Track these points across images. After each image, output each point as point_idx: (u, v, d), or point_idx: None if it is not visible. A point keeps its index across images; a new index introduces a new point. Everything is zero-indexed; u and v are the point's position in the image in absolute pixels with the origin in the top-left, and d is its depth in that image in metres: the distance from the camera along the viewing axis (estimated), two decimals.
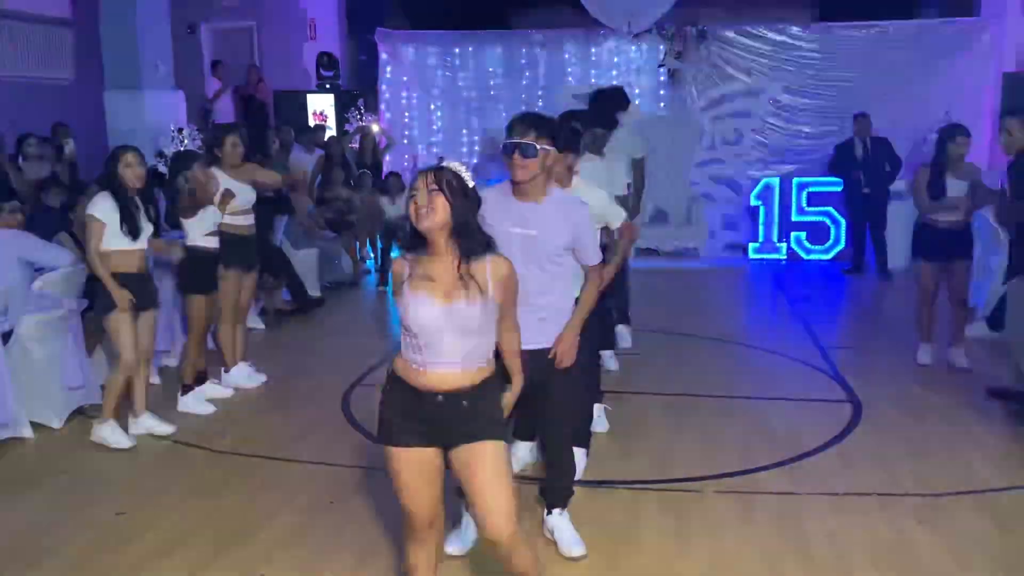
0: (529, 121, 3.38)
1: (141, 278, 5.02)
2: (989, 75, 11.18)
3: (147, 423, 5.18)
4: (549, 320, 3.51)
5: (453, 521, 3.64)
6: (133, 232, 4.84)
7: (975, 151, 7.22)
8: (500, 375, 2.88)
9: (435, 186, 2.64)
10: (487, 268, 2.69)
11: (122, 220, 4.81)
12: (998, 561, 3.66)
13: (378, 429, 2.82)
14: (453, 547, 3.64)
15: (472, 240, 2.68)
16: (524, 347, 3.08)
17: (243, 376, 6.09)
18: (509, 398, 2.97)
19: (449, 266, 2.68)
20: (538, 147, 3.33)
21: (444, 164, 2.73)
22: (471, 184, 2.71)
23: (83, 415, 5.35)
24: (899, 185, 10.37)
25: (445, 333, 2.66)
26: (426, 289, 2.67)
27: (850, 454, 4.82)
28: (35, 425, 5.17)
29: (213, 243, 5.60)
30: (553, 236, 3.42)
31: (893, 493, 4.30)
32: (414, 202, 2.65)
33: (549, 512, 3.80)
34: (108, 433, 4.98)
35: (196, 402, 5.57)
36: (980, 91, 11.26)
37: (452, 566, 3.54)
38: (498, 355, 2.88)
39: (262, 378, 6.19)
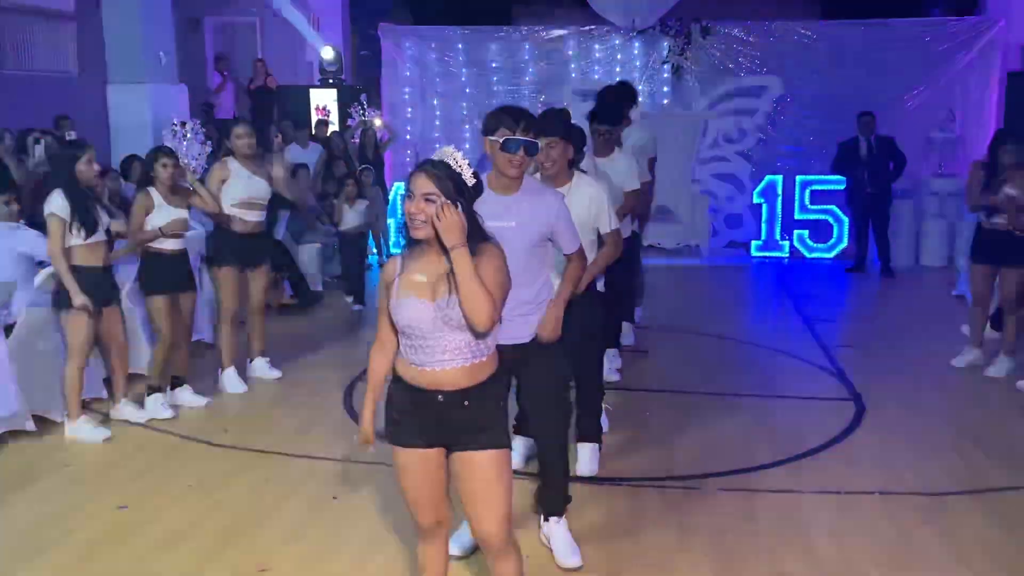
0: (530, 119, 3.35)
1: (102, 272, 5.00)
2: (994, 74, 11.16)
3: (125, 411, 5.27)
4: (532, 314, 3.46)
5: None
6: (89, 227, 4.84)
7: (978, 151, 7.23)
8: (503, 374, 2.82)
9: (431, 195, 2.54)
10: (479, 259, 2.58)
11: (78, 215, 4.80)
12: (1000, 560, 3.66)
13: (385, 427, 2.81)
14: (453, 548, 3.61)
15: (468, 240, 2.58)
16: (508, 342, 3.05)
17: (233, 381, 5.89)
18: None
19: (440, 261, 2.59)
20: (540, 145, 3.34)
21: (439, 157, 2.61)
22: (468, 173, 2.60)
23: (85, 408, 5.35)
24: (902, 184, 10.37)
25: (437, 330, 2.60)
26: (413, 288, 2.61)
27: (853, 452, 4.82)
28: (37, 418, 5.16)
29: (170, 244, 5.36)
30: (531, 226, 3.39)
31: (895, 492, 4.30)
32: (408, 208, 2.57)
33: (546, 519, 3.74)
34: (83, 429, 5.00)
35: (156, 406, 5.37)
36: (985, 90, 11.24)
37: (452, 567, 3.51)
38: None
39: (276, 373, 6.14)
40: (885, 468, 4.59)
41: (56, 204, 4.79)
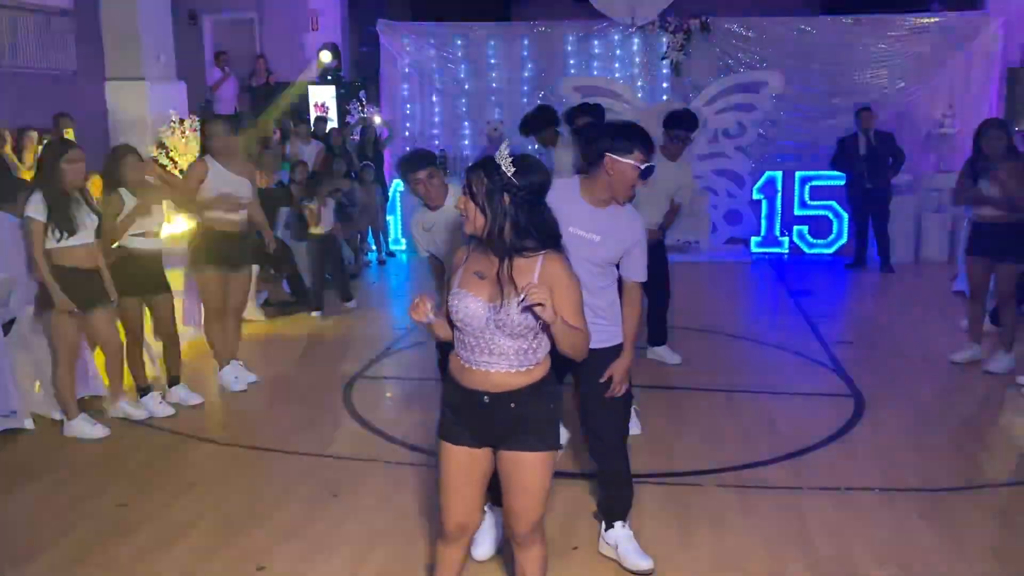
0: (651, 145, 3.38)
1: (88, 274, 4.92)
2: (993, 69, 11.15)
3: (123, 408, 5.28)
4: (597, 325, 3.28)
5: None
6: (68, 229, 4.77)
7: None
8: (554, 375, 2.74)
9: (465, 192, 2.57)
10: (536, 267, 2.56)
11: (56, 217, 4.74)
12: (999, 555, 3.65)
13: (437, 424, 2.80)
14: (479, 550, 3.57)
15: (507, 243, 2.54)
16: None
17: (230, 379, 5.85)
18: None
19: (495, 262, 2.57)
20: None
21: (492, 157, 2.57)
22: (508, 171, 2.53)
23: (82, 406, 5.34)
24: (902, 179, 10.36)
25: (488, 331, 2.57)
26: (473, 284, 2.59)
27: (852, 448, 4.82)
28: (36, 417, 5.17)
29: (144, 244, 5.28)
30: (613, 244, 3.36)
31: (895, 488, 4.29)
32: (457, 205, 2.63)
33: (610, 526, 3.66)
34: (81, 427, 5.00)
35: (154, 404, 5.36)
36: (984, 86, 11.24)
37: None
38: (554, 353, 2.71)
39: (252, 377, 6.00)
40: (884, 464, 4.59)
41: (33, 206, 4.73)
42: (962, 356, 6.32)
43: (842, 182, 10.21)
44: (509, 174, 2.53)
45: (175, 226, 7.78)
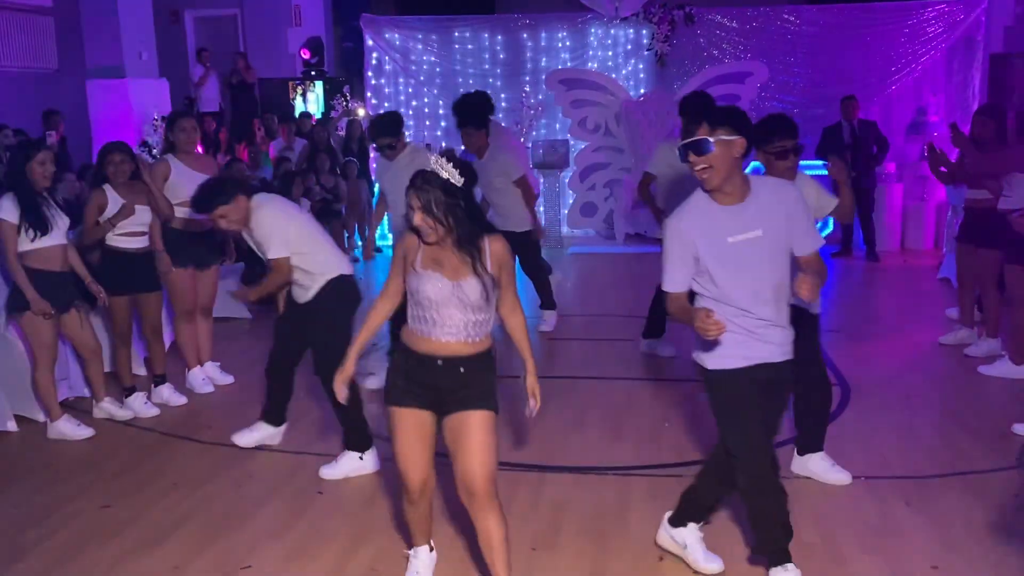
0: (697, 111, 3.14)
1: (60, 277, 4.87)
2: (977, 56, 11.18)
3: (107, 408, 5.25)
4: (786, 331, 3.21)
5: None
6: (40, 229, 4.73)
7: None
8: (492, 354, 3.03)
9: (422, 211, 2.83)
10: (486, 246, 2.90)
11: (28, 218, 4.70)
12: (985, 543, 3.66)
13: (384, 394, 3.05)
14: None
15: (467, 234, 2.87)
16: (764, 361, 3.20)
17: (198, 381, 5.79)
18: (532, 381, 3.09)
19: (451, 251, 2.89)
20: (712, 140, 2.93)
21: (427, 170, 2.85)
22: (454, 175, 2.83)
23: (67, 407, 5.31)
24: (887, 167, 10.38)
25: (450, 307, 2.89)
26: (436, 266, 2.88)
27: (838, 437, 4.81)
28: (19, 418, 5.13)
29: (131, 243, 5.23)
30: (778, 228, 3.04)
31: (881, 475, 4.31)
32: (415, 221, 2.85)
33: (682, 524, 3.56)
34: (65, 428, 4.97)
35: (139, 404, 5.34)
36: (968, 72, 11.26)
37: (451, 559, 3.49)
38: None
39: (229, 379, 5.94)
40: (870, 452, 4.60)
41: (4, 208, 4.70)
42: (952, 338, 6.37)
43: (827, 171, 10.20)
44: (455, 179, 2.83)
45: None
